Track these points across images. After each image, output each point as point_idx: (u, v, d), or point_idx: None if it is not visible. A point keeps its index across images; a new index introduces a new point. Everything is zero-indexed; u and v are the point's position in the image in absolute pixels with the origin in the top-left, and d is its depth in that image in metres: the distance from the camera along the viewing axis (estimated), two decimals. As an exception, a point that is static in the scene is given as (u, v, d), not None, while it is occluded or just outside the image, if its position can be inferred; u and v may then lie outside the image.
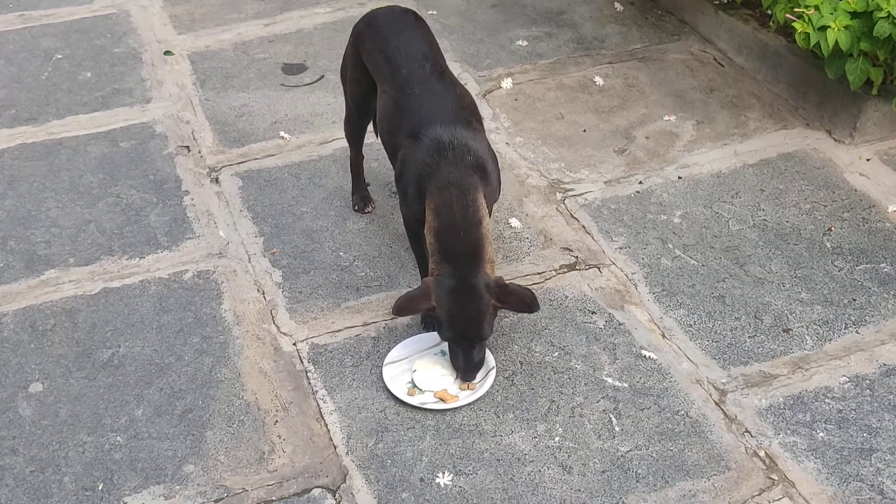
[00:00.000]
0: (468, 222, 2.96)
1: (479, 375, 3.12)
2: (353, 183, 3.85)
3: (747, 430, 2.96)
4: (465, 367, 3.04)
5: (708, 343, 3.25)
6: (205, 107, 4.49)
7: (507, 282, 3.01)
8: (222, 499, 2.82)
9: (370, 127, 3.68)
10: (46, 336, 3.35)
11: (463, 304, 2.95)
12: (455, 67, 4.65)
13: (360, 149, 3.75)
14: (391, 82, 3.22)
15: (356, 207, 3.81)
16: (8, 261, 3.67)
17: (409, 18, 3.40)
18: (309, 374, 3.18)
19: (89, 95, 4.61)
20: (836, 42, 3.75)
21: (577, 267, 3.56)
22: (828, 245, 3.61)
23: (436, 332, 3.22)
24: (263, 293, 3.49)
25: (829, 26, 3.75)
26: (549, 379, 3.14)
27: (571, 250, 3.63)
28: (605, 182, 3.95)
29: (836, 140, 4.11)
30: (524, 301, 2.98)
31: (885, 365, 3.16)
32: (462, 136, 3.05)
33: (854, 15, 3.78)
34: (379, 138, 3.43)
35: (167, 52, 4.91)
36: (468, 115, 3.17)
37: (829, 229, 3.68)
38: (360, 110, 3.55)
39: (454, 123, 3.07)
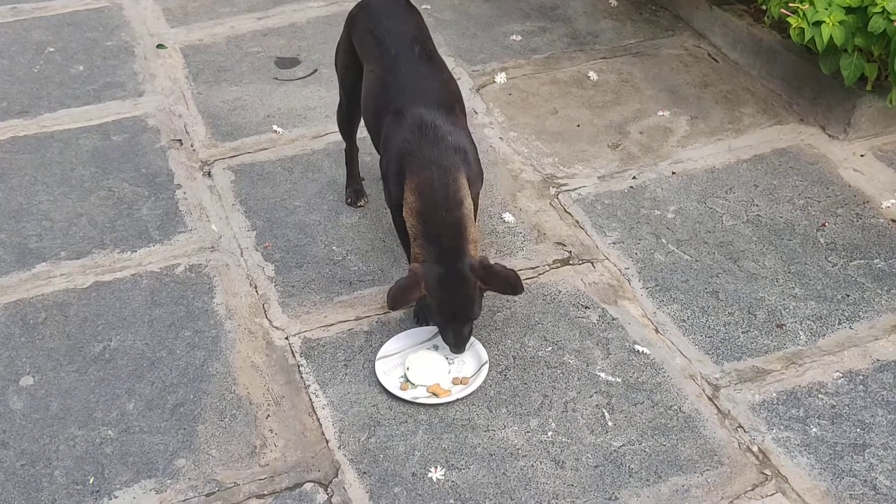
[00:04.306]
0: (450, 202, 2.94)
1: (472, 369, 3.11)
2: (347, 176, 3.83)
3: (740, 426, 2.96)
4: (456, 342, 3.05)
5: (701, 338, 3.25)
6: (197, 100, 4.48)
7: (492, 262, 3.00)
8: (214, 493, 2.81)
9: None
10: (37, 329, 3.34)
11: (452, 290, 2.95)
12: (449, 62, 4.63)
13: (354, 140, 3.74)
14: (379, 62, 3.23)
15: (349, 201, 3.80)
16: (-1, 254, 3.66)
17: (401, 3, 3.42)
18: (301, 369, 3.17)
19: (81, 89, 4.59)
20: (831, 37, 3.75)
21: (571, 262, 3.55)
22: (821, 241, 3.61)
23: (429, 327, 3.22)
24: (256, 287, 3.48)
25: (824, 21, 3.74)
26: (541, 374, 3.13)
27: (565, 245, 3.62)
28: (599, 177, 3.94)
29: (830, 136, 4.11)
30: (508, 282, 2.96)
31: (878, 360, 3.15)
32: (444, 118, 3.05)
33: (849, 10, 3.78)
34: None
35: (160, 46, 4.89)
36: (452, 100, 3.18)
37: (823, 225, 3.67)
38: (351, 98, 3.54)
39: (437, 105, 3.07)
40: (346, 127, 3.71)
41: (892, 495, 2.75)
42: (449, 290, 2.95)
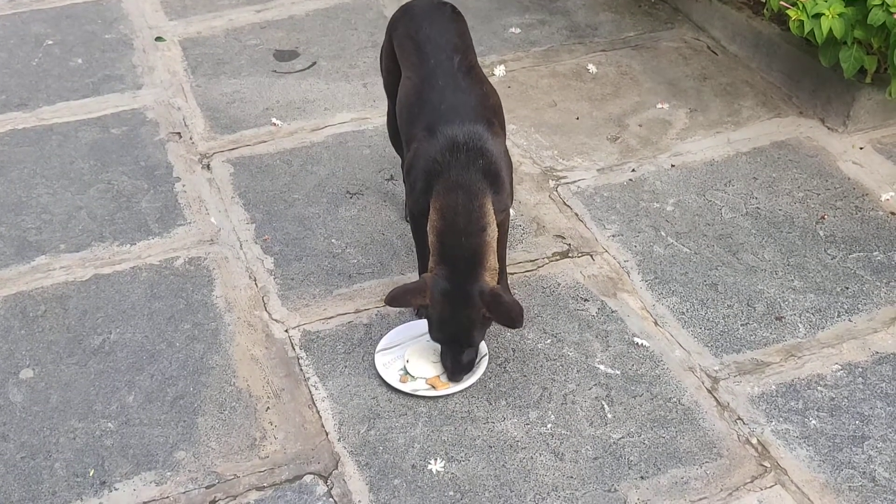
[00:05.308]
0: (471, 228, 2.89)
1: (472, 362, 3.11)
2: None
3: (739, 418, 2.96)
4: (453, 369, 3.01)
5: (700, 331, 3.25)
6: (196, 93, 4.47)
7: (503, 293, 2.95)
8: (214, 485, 2.82)
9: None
10: (37, 322, 3.34)
11: (455, 309, 2.90)
12: (448, 54, 4.64)
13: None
14: (417, 71, 3.12)
15: (408, 218, 3.47)
16: (-2, 247, 3.66)
17: (445, 10, 3.31)
18: (301, 361, 3.17)
19: (80, 81, 4.59)
20: (830, 30, 3.74)
21: (570, 254, 3.55)
22: (821, 233, 3.61)
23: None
24: (255, 280, 3.48)
25: (824, 14, 3.74)
26: (541, 366, 3.13)
27: (564, 238, 3.62)
28: (598, 170, 3.94)
29: (829, 128, 4.11)
30: (509, 315, 2.88)
31: (877, 353, 3.16)
32: (479, 137, 2.94)
33: (848, 2, 3.77)
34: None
35: (158, 39, 4.89)
36: (490, 115, 3.06)
37: (822, 217, 3.67)
38: (395, 105, 3.39)
39: (473, 123, 2.96)
40: (396, 138, 3.50)
41: (890, 487, 2.76)
42: (452, 307, 2.90)
